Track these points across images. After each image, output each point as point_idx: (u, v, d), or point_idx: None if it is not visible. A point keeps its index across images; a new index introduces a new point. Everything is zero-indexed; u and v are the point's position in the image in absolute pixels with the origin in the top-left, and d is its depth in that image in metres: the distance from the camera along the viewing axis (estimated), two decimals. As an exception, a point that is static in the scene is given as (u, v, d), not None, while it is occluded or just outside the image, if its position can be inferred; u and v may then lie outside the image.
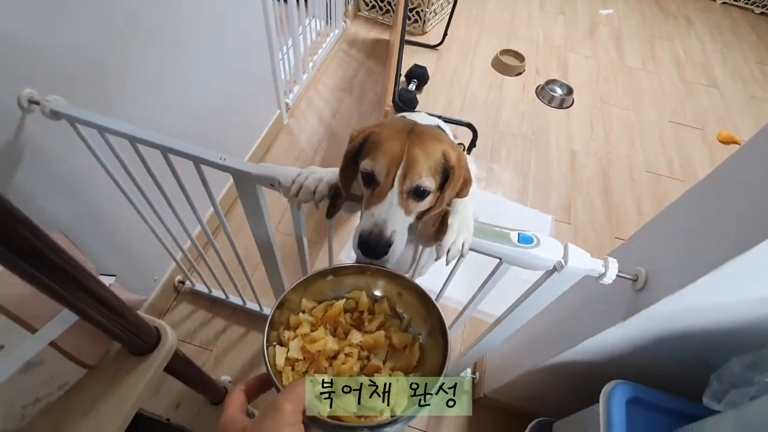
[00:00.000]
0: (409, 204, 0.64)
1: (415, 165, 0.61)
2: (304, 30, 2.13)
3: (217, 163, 0.72)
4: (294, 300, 0.60)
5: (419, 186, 0.62)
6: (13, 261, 0.32)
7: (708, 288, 0.60)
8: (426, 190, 0.63)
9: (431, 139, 0.65)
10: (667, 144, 2.37)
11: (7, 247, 0.31)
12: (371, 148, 0.64)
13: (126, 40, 1.00)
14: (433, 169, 0.63)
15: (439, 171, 0.64)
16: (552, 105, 2.48)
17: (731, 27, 3.42)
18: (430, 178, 0.63)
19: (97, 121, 0.76)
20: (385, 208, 0.62)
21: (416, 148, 0.62)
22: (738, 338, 0.71)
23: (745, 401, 0.67)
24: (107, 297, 0.39)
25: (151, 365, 0.47)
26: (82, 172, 0.97)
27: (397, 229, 0.62)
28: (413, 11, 2.67)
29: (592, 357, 0.89)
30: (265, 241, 0.96)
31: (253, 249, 0.99)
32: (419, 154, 0.62)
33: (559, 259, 0.68)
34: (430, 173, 0.63)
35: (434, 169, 0.63)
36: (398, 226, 0.62)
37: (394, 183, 0.62)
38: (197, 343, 1.44)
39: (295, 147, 2.06)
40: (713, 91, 2.78)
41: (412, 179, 0.61)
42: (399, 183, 0.62)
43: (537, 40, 2.95)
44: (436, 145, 0.64)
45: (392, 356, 0.59)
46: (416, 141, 0.63)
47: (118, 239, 1.18)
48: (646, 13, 3.41)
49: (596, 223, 1.96)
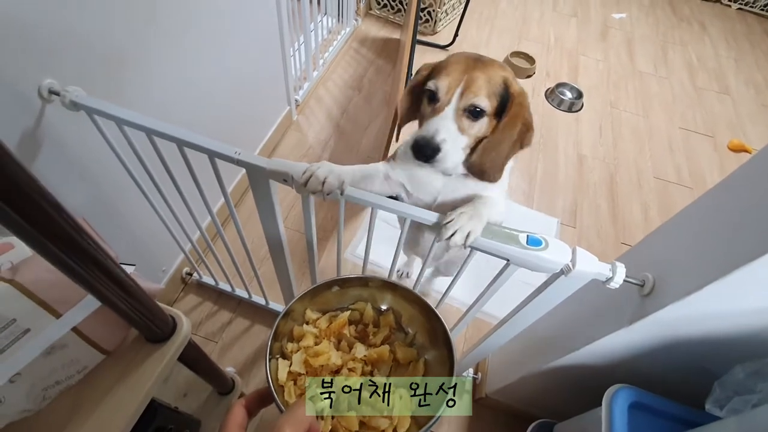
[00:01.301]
0: (464, 122, 0.69)
1: (473, 84, 0.67)
2: (315, 26, 2.14)
3: (233, 157, 0.73)
4: (298, 310, 0.60)
5: (474, 105, 0.67)
6: (43, 244, 0.34)
7: (715, 296, 0.61)
8: (481, 110, 0.68)
9: (495, 67, 0.70)
10: (676, 150, 2.36)
11: (38, 230, 0.32)
12: (437, 71, 0.71)
13: (145, 29, 1.01)
14: (491, 91, 0.68)
15: (496, 94, 0.69)
16: (561, 108, 2.48)
17: (746, 33, 3.39)
18: (486, 99, 0.67)
19: (115, 113, 0.77)
20: (440, 119, 0.68)
21: (478, 71, 0.67)
22: (742, 346, 0.71)
23: (747, 409, 0.68)
24: (129, 284, 0.40)
25: (166, 353, 0.48)
26: (97, 161, 0.98)
27: (447, 138, 0.68)
28: (425, 11, 2.67)
29: (595, 361, 0.90)
30: (275, 236, 0.97)
31: (260, 242, 1.00)
32: (479, 76, 0.67)
33: (567, 262, 0.68)
34: (487, 94, 0.67)
35: (492, 92, 0.68)
36: (449, 136, 0.68)
37: (452, 100, 0.68)
38: (203, 334, 1.46)
39: (303, 144, 2.08)
40: (725, 98, 2.76)
41: (468, 97, 0.67)
42: (457, 100, 0.67)
43: (548, 42, 2.94)
44: (498, 71, 0.69)
45: (396, 371, 0.58)
46: (479, 65, 0.68)
47: (129, 229, 1.20)
48: (660, 18, 3.39)
49: (602, 227, 1.96)
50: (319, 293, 0.61)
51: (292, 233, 1.69)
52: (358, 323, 0.63)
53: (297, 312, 0.60)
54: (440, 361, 0.57)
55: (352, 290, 0.63)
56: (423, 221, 0.73)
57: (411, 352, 0.60)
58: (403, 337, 0.61)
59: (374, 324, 0.63)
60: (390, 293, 0.63)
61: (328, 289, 0.62)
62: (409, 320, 0.63)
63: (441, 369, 0.56)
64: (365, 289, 0.63)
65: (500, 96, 0.69)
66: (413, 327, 0.62)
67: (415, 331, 0.62)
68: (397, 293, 0.62)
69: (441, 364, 0.56)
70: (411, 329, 0.62)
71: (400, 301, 0.63)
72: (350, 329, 0.61)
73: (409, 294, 0.61)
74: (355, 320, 0.63)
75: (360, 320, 0.63)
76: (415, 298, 0.61)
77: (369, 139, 2.14)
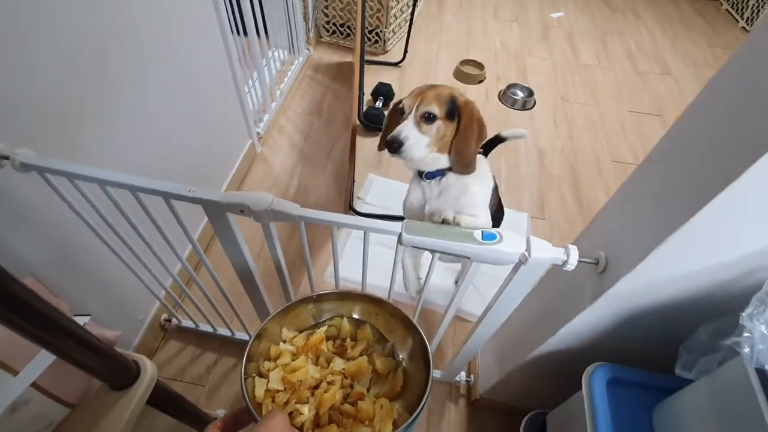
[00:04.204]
0: (422, 125, 0.95)
1: (426, 99, 0.94)
2: (267, 61, 2.19)
3: (187, 195, 0.74)
4: (274, 330, 0.60)
5: (427, 111, 0.94)
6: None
7: (659, 262, 0.64)
8: (433, 115, 0.94)
9: (443, 87, 0.98)
10: (629, 133, 2.47)
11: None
12: (406, 97, 0.98)
13: (93, 84, 1.02)
14: (440, 102, 0.94)
15: (445, 103, 0.95)
16: (515, 108, 2.57)
17: (679, 17, 3.62)
18: (436, 107, 0.94)
19: (65, 169, 0.77)
20: (404, 124, 0.94)
21: (430, 91, 0.96)
22: (701, 308, 0.75)
23: (713, 367, 0.71)
24: (81, 334, 0.40)
25: (132, 399, 0.47)
26: (56, 218, 0.97)
27: (408, 136, 0.93)
28: (372, 32, 2.76)
29: (570, 344, 0.92)
30: (244, 268, 0.98)
31: (238, 278, 1.01)
32: (431, 93, 0.95)
33: (523, 251, 0.71)
34: (437, 104, 0.94)
35: (440, 102, 0.94)
36: (410, 134, 0.93)
37: (412, 111, 0.95)
38: (188, 379, 1.42)
39: (270, 174, 2.09)
40: (667, 78, 2.92)
41: (422, 107, 0.94)
42: (415, 110, 0.94)
43: (495, 47, 3.07)
44: (445, 90, 0.97)
45: (376, 383, 0.59)
46: (432, 88, 0.97)
47: (97, 281, 1.18)
48: (595, 12, 3.58)
49: (570, 216, 2.02)
50: (291, 311, 0.62)
51: (269, 263, 1.68)
52: (335, 339, 0.63)
53: (272, 332, 0.60)
54: (418, 370, 0.58)
55: (328, 304, 0.64)
56: (386, 233, 0.75)
57: (390, 362, 0.60)
58: (381, 348, 0.62)
59: (352, 338, 0.63)
60: (367, 305, 0.64)
61: (302, 306, 0.62)
62: (387, 331, 0.63)
63: (419, 376, 0.57)
64: (343, 302, 0.64)
65: (448, 104, 0.95)
66: (391, 337, 0.63)
67: (393, 341, 0.63)
68: (374, 305, 0.63)
69: (419, 371, 0.57)
70: (389, 339, 0.63)
71: (377, 311, 0.64)
72: (328, 344, 0.62)
73: (386, 305, 0.62)
74: (332, 336, 0.63)
75: (337, 336, 0.64)
76: (391, 309, 0.62)
77: (334, 162, 2.17)
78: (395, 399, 0.57)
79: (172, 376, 1.42)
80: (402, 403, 0.56)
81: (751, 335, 0.56)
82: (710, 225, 0.57)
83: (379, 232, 0.76)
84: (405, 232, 0.72)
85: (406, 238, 0.72)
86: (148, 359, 0.52)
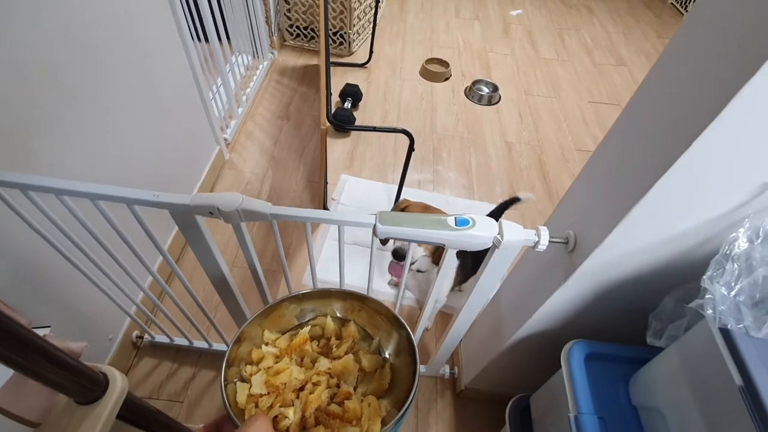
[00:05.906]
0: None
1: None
2: (231, 66, 2.15)
3: (152, 200, 0.72)
4: (255, 333, 0.58)
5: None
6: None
7: (623, 237, 0.66)
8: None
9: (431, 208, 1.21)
10: (590, 123, 2.56)
11: None
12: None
13: (45, 96, 0.97)
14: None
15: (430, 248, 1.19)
16: (482, 103, 2.62)
17: (629, 10, 3.79)
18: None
19: (17, 180, 0.73)
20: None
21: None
22: (667, 278, 0.78)
23: (680, 333, 0.74)
24: (41, 345, 0.38)
25: (101, 413, 0.45)
26: (13, 235, 0.92)
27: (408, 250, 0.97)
28: (336, 34, 2.75)
29: (547, 325, 0.94)
30: (219, 275, 0.95)
31: (212, 288, 0.98)
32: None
33: (496, 235, 0.73)
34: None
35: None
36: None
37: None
38: (165, 397, 1.37)
39: (240, 180, 2.05)
40: (622, 69, 3.04)
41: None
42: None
43: (458, 45, 3.12)
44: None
45: (363, 381, 0.57)
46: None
47: (60, 300, 1.11)
48: (552, 9, 3.71)
49: (541, 204, 2.08)
50: (273, 312, 0.60)
51: (245, 271, 1.65)
52: (320, 338, 0.61)
53: (254, 335, 0.58)
54: (405, 365, 0.57)
55: (310, 303, 0.62)
56: (360, 225, 0.75)
57: (376, 359, 0.59)
58: (367, 345, 0.61)
59: (336, 336, 0.62)
60: (350, 301, 0.63)
61: (284, 307, 0.60)
62: (372, 328, 0.62)
63: (406, 371, 0.56)
64: (326, 300, 0.63)
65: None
66: (376, 334, 0.62)
67: (378, 337, 0.62)
68: (357, 300, 0.62)
69: (406, 366, 0.57)
70: (375, 336, 0.62)
71: (361, 307, 0.62)
72: (312, 345, 0.60)
73: (371, 301, 0.61)
74: (316, 336, 0.62)
75: (321, 335, 0.62)
76: (375, 304, 0.61)
77: (306, 164, 2.15)
78: (383, 396, 0.56)
79: (147, 395, 1.36)
80: (390, 400, 0.55)
81: (712, 297, 0.58)
82: (665, 196, 0.59)
83: (353, 225, 0.75)
84: (379, 223, 0.71)
85: (381, 229, 0.72)
86: (117, 371, 0.49)
